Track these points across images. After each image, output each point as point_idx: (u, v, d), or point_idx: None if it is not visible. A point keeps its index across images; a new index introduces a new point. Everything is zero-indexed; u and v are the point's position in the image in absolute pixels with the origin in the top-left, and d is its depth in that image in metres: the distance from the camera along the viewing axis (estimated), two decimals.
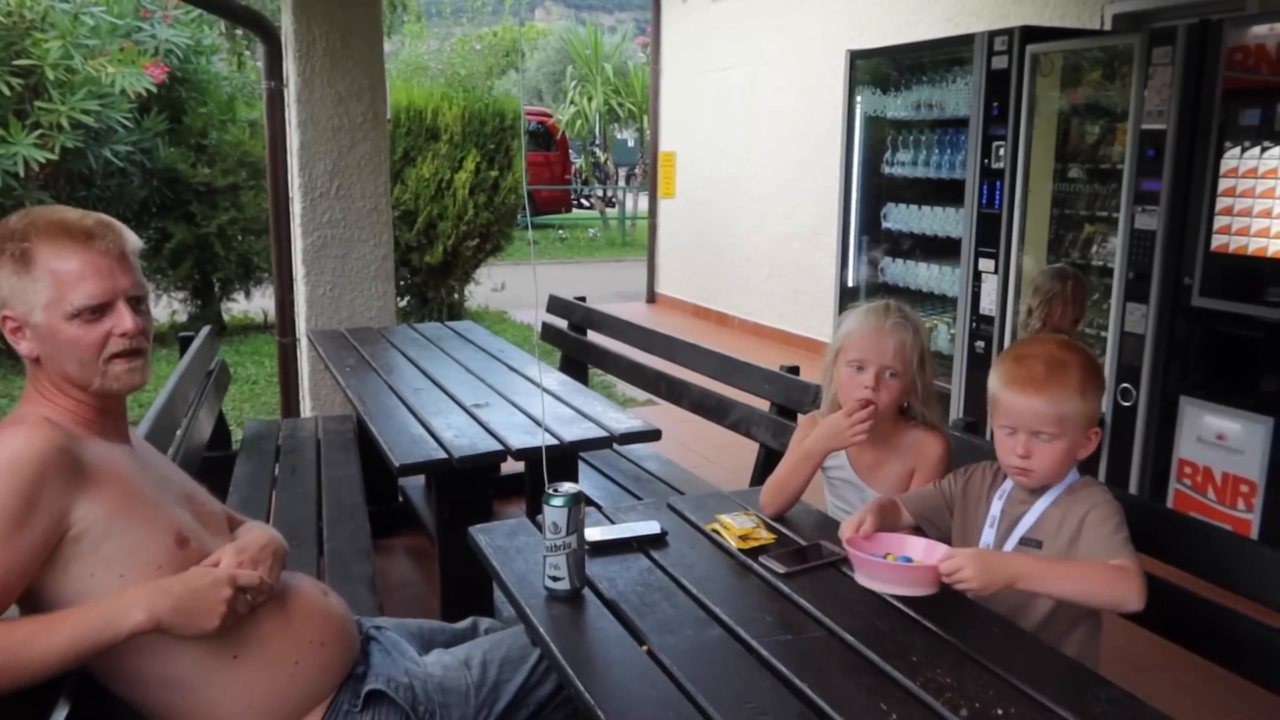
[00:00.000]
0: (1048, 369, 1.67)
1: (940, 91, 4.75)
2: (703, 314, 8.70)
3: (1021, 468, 1.69)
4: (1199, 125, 3.44)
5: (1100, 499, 1.67)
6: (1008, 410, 1.69)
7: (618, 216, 16.05)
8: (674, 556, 1.79)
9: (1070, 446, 1.67)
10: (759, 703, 1.33)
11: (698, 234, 8.79)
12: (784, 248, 7.45)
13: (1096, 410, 1.70)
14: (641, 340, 3.77)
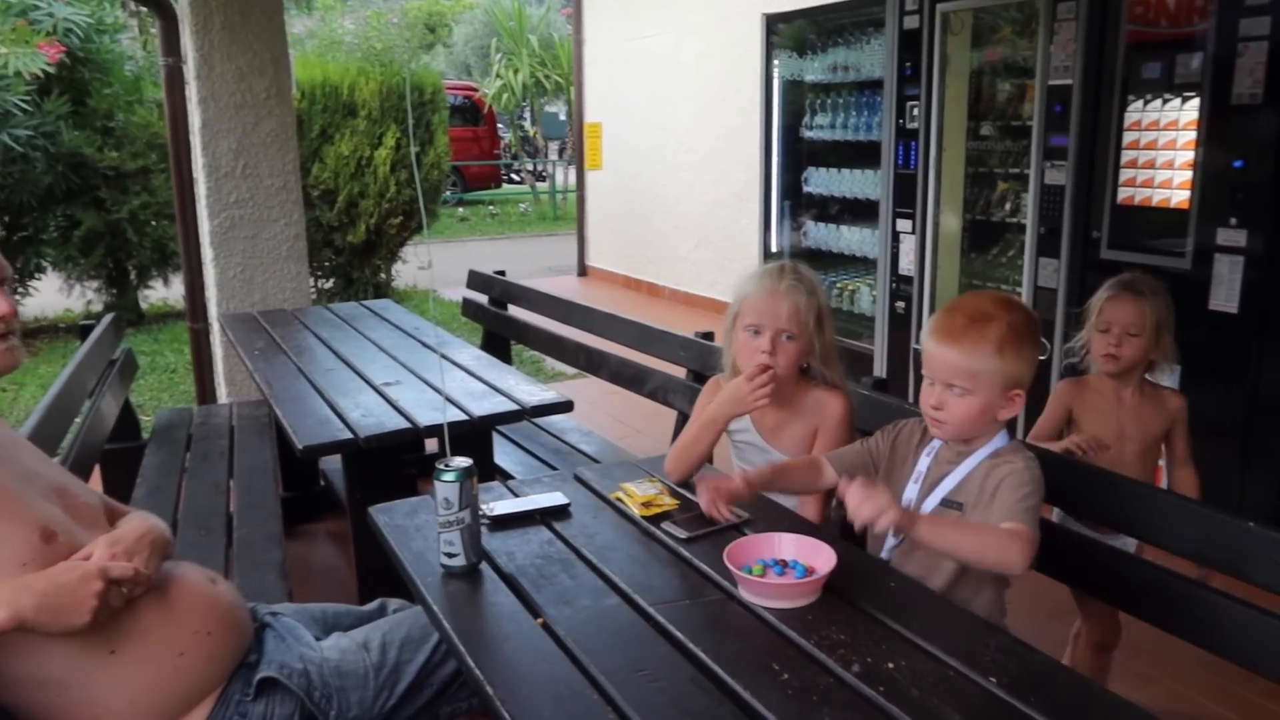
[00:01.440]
0: (968, 322, 1.65)
1: (856, 53, 4.75)
2: (634, 285, 8.67)
3: (934, 418, 1.68)
4: (1103, 80, 3.48)
5: (1020, 466, 1.63)
6: (927, 359, 1.68)
7: (549, 190, 15.89)
8: (576, 527, 1.76)
9: (984, 404, 1.64)
10: (652, 669, 1.31)
11: (626, 205, 8.74)
12: (712, 216, 7.43)
13: (1019, 372, 1.65)
14: (560, 312, 3.72)
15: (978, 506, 1.65)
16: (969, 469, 1.69)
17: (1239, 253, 3.08)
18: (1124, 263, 3.45)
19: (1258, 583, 1.60)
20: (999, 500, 1.60)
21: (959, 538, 1.56)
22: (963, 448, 1.71)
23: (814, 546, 1.54)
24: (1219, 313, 3.14)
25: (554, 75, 15.23)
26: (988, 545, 1.53)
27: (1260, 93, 3.00)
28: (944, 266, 4.30)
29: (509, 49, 15.72)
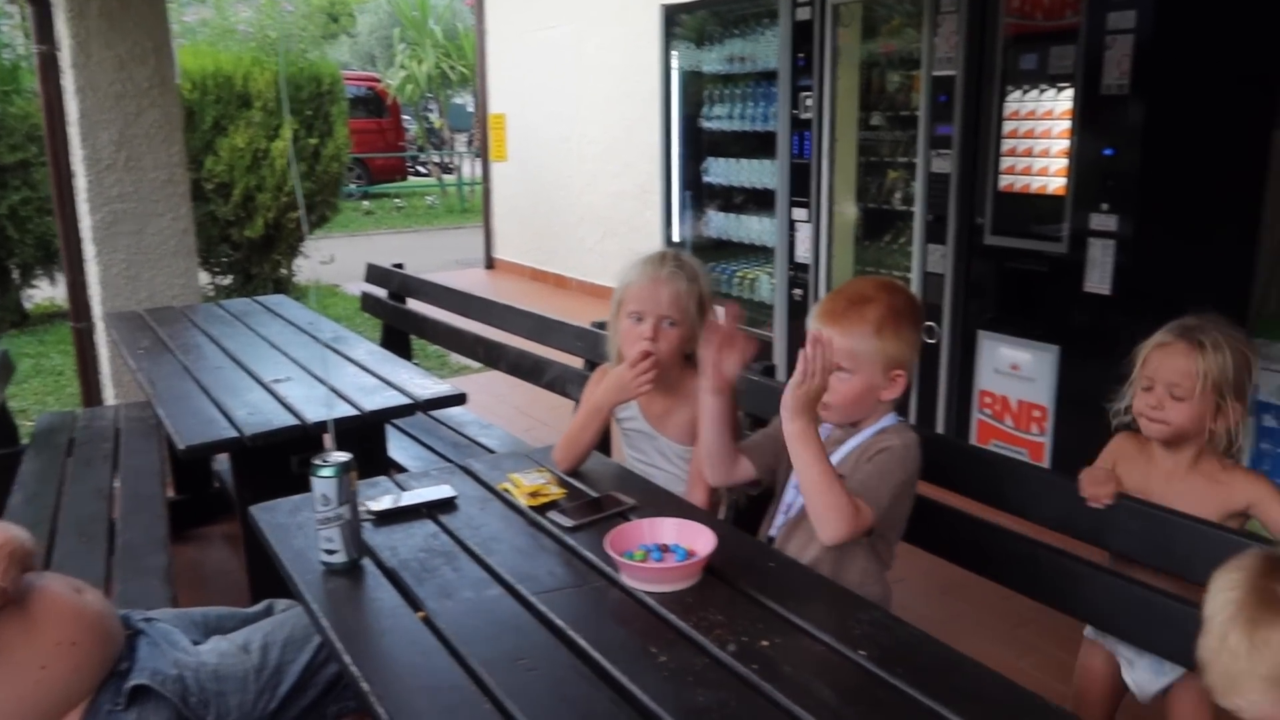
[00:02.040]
0: (848, 304, 1.69)
1: (752, 44, 4.81)
2: (541, 277, 8.63)
3: (821, 401, 1.66)
4: (984, 71, 3.60)
5: (897, 446, 1.66)
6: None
7: (456, 183, 15.70)
8: (462, 520, 1.76)
9: (866, 385, 1.67)
10: (531, 658, 1.31)
11: (532, 197, 8.69)
12: (617, 207, 7.45)
13: (899, 352, 1.68)
14: (459, 305, 3.69)
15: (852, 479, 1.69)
16: (852, 447, 1.73)
17: (1110, 237, 3.22)
18: (1005, 248, 3.59)
19: (1115, 550, 1.69)
20: (861, 470, 1.64)
21: (813, 463, 1.54)
22: (852, 428, 1.74)
23: (695, 530, 1.56)
24: (1093, 294, 3.28)
25: (459, 66, 15.04)
26: (824, 493, 1.53)
27: (1127, 84, 3.14)
28: (839, 254, 4.39)
29: (413, 39, 15.46)
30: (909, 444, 1.68)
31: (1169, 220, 3.25)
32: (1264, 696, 1.03)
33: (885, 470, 1.63)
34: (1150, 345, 1.82)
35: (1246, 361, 1.73)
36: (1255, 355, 1.77)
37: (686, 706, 1.20)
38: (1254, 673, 1.04)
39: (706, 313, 2.00)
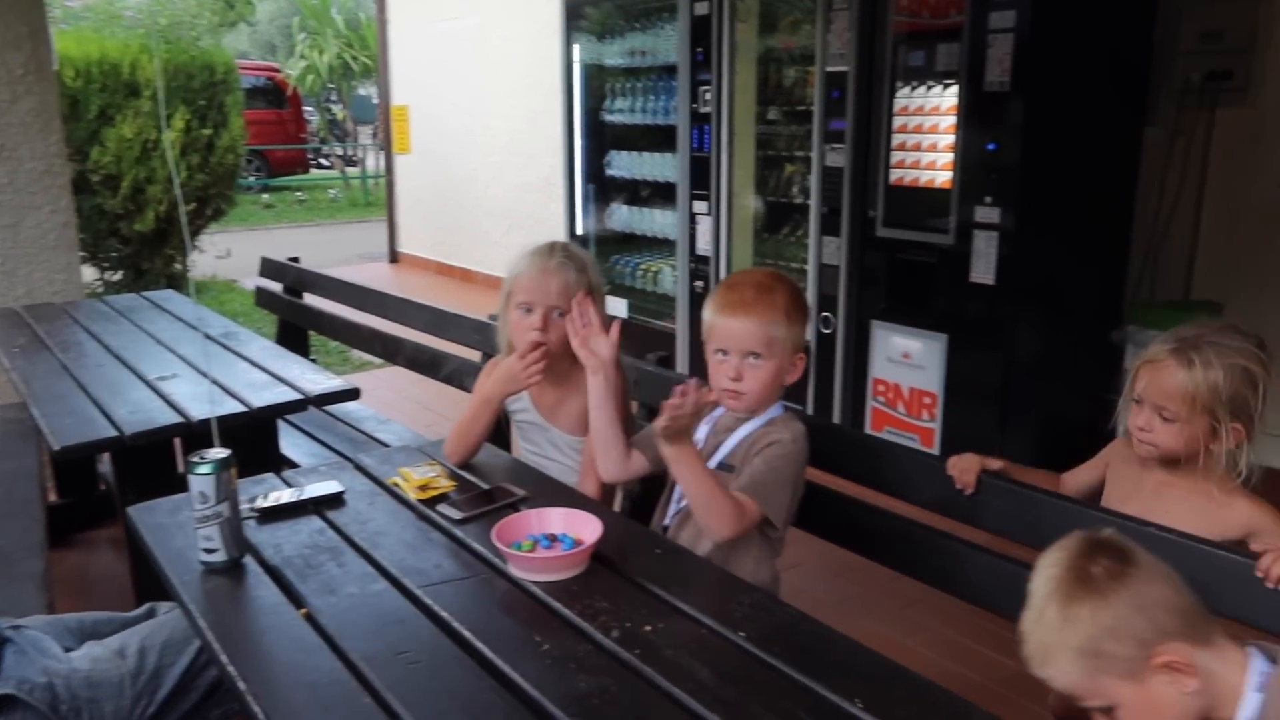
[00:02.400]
0: (757, 293, 1.73)
1: (652, 38, 4.84)
2: (446, 271, 8.53)
3: (733, 390, 1.72)
4: (875, 67, 3.69)
5: (784, 437, 1.71)
6: (722, 334, 1.73)
7: (360, 176, 15.37)
8: (350, 515, 1.73)
9: (778, 369, 1.72)
10: (414, 651, 1.31)
11: (437, 190, 8.58)
12: (522, 200, 7.41)
13: (801, 338, 1.76)
14: (355, 299, 3.62)
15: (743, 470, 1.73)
16: (742, 436, 1.76)
17: (994, 229, 3.35)
18: (896, 239, 3.69)
19: (988, 528, 1.76)
20: (750, 464, 1.69)
21: (693, 473, 1.59)
22: (742, 415, 1.77)
23: (582, 519, 1.57)
24: (978, 284, 3.41)
25: (362, 57, 14.72)
26: (708, 498, 1.59)
27: (1008, 81, 3.26)
28: (738, 246, 4.46)
29: (313, 29, 15.07)
30: (797, 436, 1.73)
31: (1049, 212, 3.39)
32: (1072, 666, 1.11)
33: (774, 465, 1.67)
34: (1142, 359, 1.67)
35: (1249, 378, 1.56)
36: (1265, 369, 1.57)
37: (567, 693, 1.21)
38: (1065, 644, 1.11)
39: (597, 303, 2.01)
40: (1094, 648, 1.10)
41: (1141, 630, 1.10)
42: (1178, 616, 1.11)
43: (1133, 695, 1.11)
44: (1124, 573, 1.11)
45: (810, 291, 4.00)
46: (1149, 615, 1.10)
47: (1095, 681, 1.12)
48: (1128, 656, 1.10)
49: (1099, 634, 1.10)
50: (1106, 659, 1.10)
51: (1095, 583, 1.11)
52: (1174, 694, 1.10)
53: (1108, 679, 1.11)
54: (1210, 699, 1.11)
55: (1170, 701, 1.11)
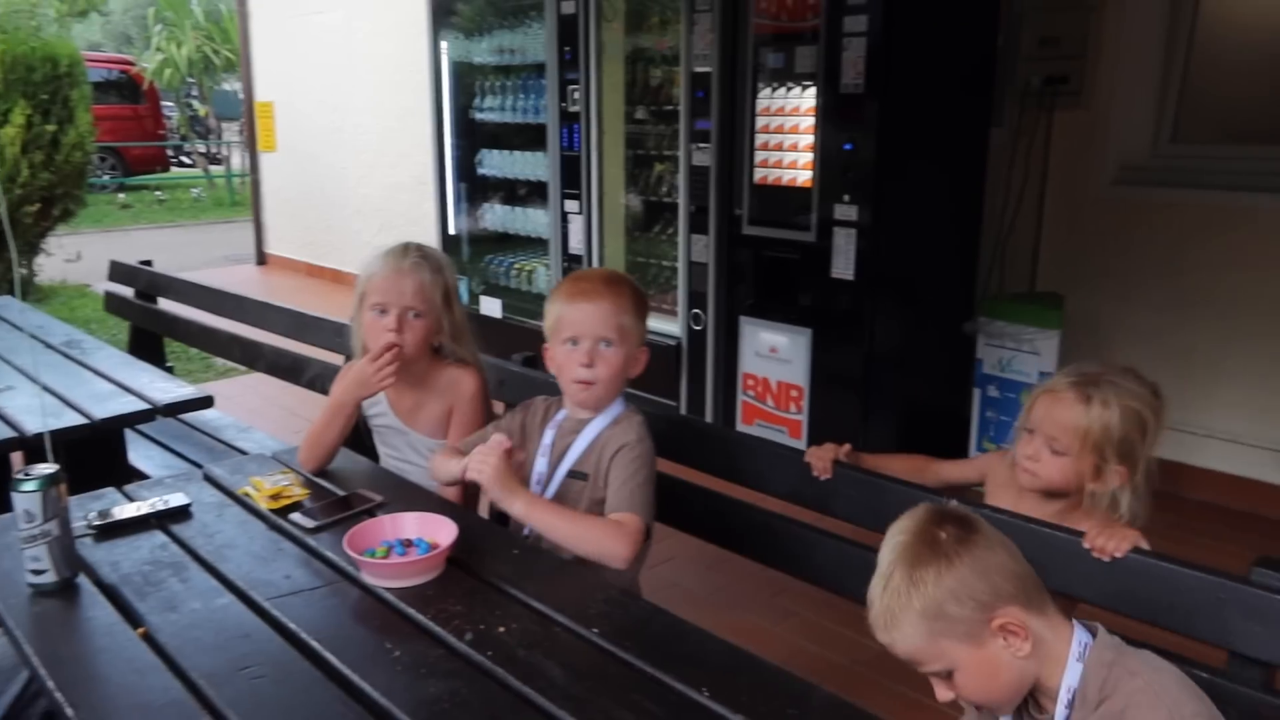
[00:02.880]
0: (605, 284, 1.77)
1: (519, 37, 4.81)
2: (317, 273, 8.29)
3: (586, 379, 1.72)
4: (738, 68, 3.76)
5: (632, 438, 1.73)
6: (572, 322, 1.73)
7: (225, 174, 14.78)
8: (196, 528, 1.67)
9: (626, 359, 1.75)
10: (259, 665, 1.27)
11: (305, 189, 8.32)
12: (393, 199, 7.25)
13: (644, 333, 1.80)
14: (212, 303, 3.48)
15: (598, 477, 1.74)
16: (590, 438, 1.77)
17: (852, 226, 3.46)
18: (762, 237, 3.77)
19: (839, 516, 1.82)
20: (610, 484, 1.69)
21: (554, 521, 1.62)
22: (584, 415, 1.79)
23: (437, 523, 1.56)
24: (839, 279, 3.51)
25: (224, 50, 14.15)
26: (585, 535, 1.61)
27: (862, 83, 3.37)
28: (611, 245, 4.48)
29: (170, 20, 14.40)
30: (643, 435, 1.75)
31: (903, 209, 3.52)
32: (915, 629, 1.16)
33: (632, 473, 1.69)
34: (1041, 389, 1.68)
35: (1140, 423, 1.59)
36: (1158, 418, 1.61)
37: (418, 698, 1.20)
38: (910, 607, 1.15)
39: (453, 304, 2.00)
40: (937, 610, 1.14)
41: (982, 594, 1.14)
42: (1015, 582, 1.16)
43: (970, 658, 1.16)
44: (968, 539, 1.16)
45: (680, 289, 4.05)
46: (989, 580, 1.15)
47: (936, 644, 1.16)
48: (968, 619, 1.14)
49: (942, 596, 1.14)
50: (948, 621, 1.14)
51: (941, 547, 1.16)
52: (1008, 657, 1.16)
53: (948, 641, 1.15)
54: (1040, 665, 1.17)
55: (1005, 664, 1.16)
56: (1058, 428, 1.62)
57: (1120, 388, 1.60)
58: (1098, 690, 1.13)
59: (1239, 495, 3.59)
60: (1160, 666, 1.14)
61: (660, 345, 4.16)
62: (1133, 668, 1.13)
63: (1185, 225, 3.63)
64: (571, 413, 1.82)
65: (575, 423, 1.79)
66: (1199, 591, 1.38)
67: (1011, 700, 1.20)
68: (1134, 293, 3.77)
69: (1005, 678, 1.17)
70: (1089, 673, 1.15)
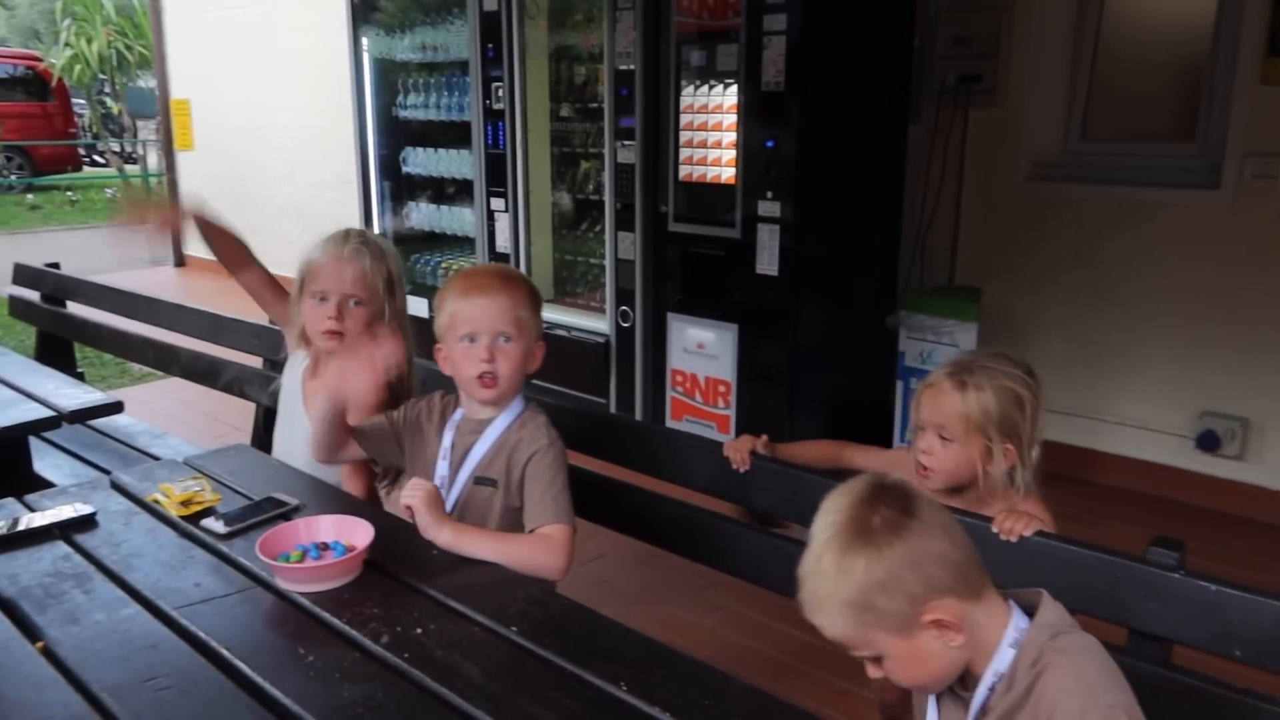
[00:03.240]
0: (500, 278, 1.73)
1: (442, 34, 4.76)
2: None
3: (486, 375, 1.68)
4: (660, 66, 3.77)
5: (543, 443, 1.70)
6: (469, 318, 1.68)
7: (141, 174, 14.33)
8: (101, 538, 1.62)
9: (525, 352, 1.70)
10: (166, 676, 1.24)
11: (225, 188, 8.09)
12: (317, 198, 7.12)
13: (540, 328, 1.76)
14: (123, 306, 3.38)
15: (510, 485, 1.70)
16: (493, 440, 1.73)
17: (775, 222, 3.49)
18: (688, 234, 3.80)
19: (758, 507, 1.84)
20: (528, 496, 1.66)
21: (483, 547, 1.58)
22: (485, 415, 1.75)
23: (353, 525, 1.54)
24: (764, 275, 3.55)
25: (137, 46, 13.72)
26: (520, 557, 1.57)
27: (782, 81, 3.40)
28: (538, 243, 4.46)
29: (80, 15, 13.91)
30: (553, 439, 1.71)
31: (825, 206, 3.57)
32: (842, 617, 1.11)
33: (549, 480, 1.66)
34: (923, 385, 1.74)
35: (1017, 400, 1.64)
36: (1033, 392, 1.66)
37: (331, 703, 1.18)
38: (837, 595, 1.10)
39: (396, 292, 1.96)
40: (865, 601, 1.09)
41: (914, 586, 1.09)
42: (951, 571, 1.11)
43: (900, 648, 1.12)
44: (902, 525, 1.10)
45: (608, 286, 4.05)
46: (923, 571, 1.09)
47: (864, 634, 1.12)
48: (898, 612, 1.09)
49: (871, 588, 1.09)
50: (876, 613, 1.10)
51: (873, 535, 1.10)
52: (940, 647, 1.12)
53: (877, 632, 1.11)
54: (973, 651, 1.14)
55: (936, 654, 1.13)
56: (943, 416, 1.67)
57: (993, 370, 1.67)
58: (1028, 670, 1.11)
59: (1150, 480, 3.72)
60: (1088, 648, 1.13)
61: (588, 343, 4.16)
62: (1060, 646, 1.11)
63: (1094, 220, 3.76)
64: (470, 412, 1.77)
65: (475, 423, 1.75)
66: (1099, 571, 1.43)
67: (943, 683, 1.18)
68: (1047, 285, 3.89)
69: (936, 666, 1.14)
70: (1021, 657, 1.12)
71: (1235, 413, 3.53)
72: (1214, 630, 1.36)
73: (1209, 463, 3.60)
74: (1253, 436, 3.52)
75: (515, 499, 1.70)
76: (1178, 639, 1.40)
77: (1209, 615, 1.36)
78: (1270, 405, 3.47)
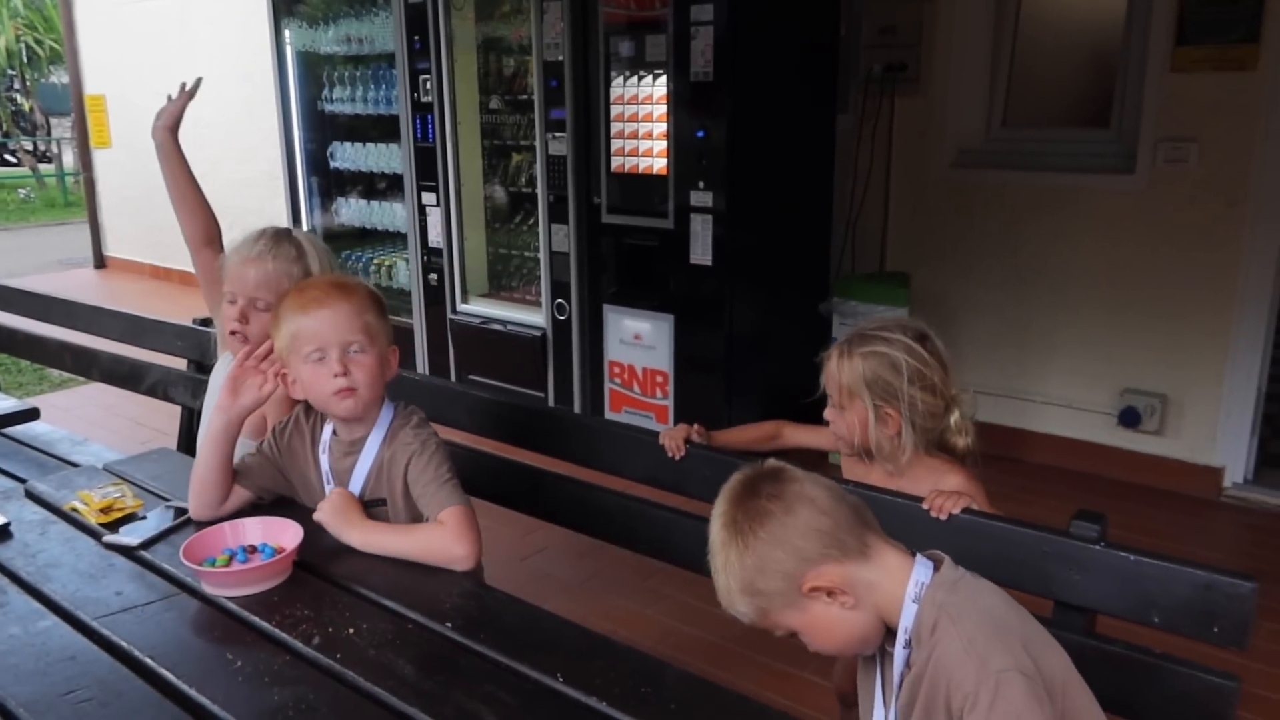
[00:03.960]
0: (335, 287, 1.64)
1: (366, 25, 4.68)
2: (164, 274, 7.88)
3: (346, 387, 1.58)
4: (590, 57, 3.76)
5: (415, 446, 1.62)
6: (313, 334, 1.58)
7: (56, 173, 13.85)
8: (16, 548, 1.56)
9: (380, 358, 1.62)
10: (87, 688, 1.20)
11: (145, 187, 7.83)
12: (242, 195, 6.92)
13: (390, 332, 1.67)
14: (37, 309, 3.25)
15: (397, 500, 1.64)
16: (371, 459, 1.65)
17: (708, 212, 3.51)
18: (621, 225, 3.79)
19: (694, 495, 1.84)
20: (419, 491, 1.60)
21: (388, 542, 1.54)
22: (353, 435, 1.66)
23: (281, 526, 1.50)
24: (698, 265, 3.57)
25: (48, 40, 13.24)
26: (424, 547, 1.53)
27: (711, 71, 3.42)
28: (471, 237, 4.42)
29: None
30: (425, 437, 1.65)
31: (756, 195, 3.60)
32: (743, 606, 1.17)
33: (434, 473, 1.60)
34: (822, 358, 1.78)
35: (892, 364, 1.66)
36: (915, 358, 1.67)
37: (260, 708, 1.16)
38: (731, 588, 1.17)
39: None
40: (751, 588, 1.15)
41: (784, 563, 1.14)
42: (822, 539, 1.14)
43: (801, 621, 1.17)
44: (764, 511, 1.15)
45: (544, 279, 4.03)
46: (789, 547, 1.14)
47: (765, 616, 1.17)
48: (780, 590, 1.14)
49: (750, 575, 1.15)
50: (765, 596, 1.15)
51: (738, 527, 1.16)
52: (837, 612, 1.15)
53: (774, 612, 1.17)
54: (880, 608, 1.17)
55: (836, 619, 1.16)
56: (830, 384, 1.74)
57: (873, 338, 1.70)
58: (929, 631, 1.13)
59: (1077, 457, 3.83)
60: (980, 600, 1.16)
61: (525, 336, 4.14)
62: (954, 611, 1.13)
63: (1018, 205, 3.84)
64: (340, 431, 1.67)
65: (347, 444, 1.66)
66: (1025, 546, 1.46)
67: (866, 644, 1.20)
68: (975, 270, 3.97)
69: (844, 631, 1.18)
70: (922, 613, 1.14)
71: (1155, 389, 3.65)
72: (1134, 599, 1.40)
73: (1131, 438, 3.72)
74: (1171, 412, 3.64)
75: (407, 510, 1.64)
76: (1101, 609, 1.44)
77: (1129, 584, 1.39)
78: (1187, 382, 3.59)
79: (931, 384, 1.68)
